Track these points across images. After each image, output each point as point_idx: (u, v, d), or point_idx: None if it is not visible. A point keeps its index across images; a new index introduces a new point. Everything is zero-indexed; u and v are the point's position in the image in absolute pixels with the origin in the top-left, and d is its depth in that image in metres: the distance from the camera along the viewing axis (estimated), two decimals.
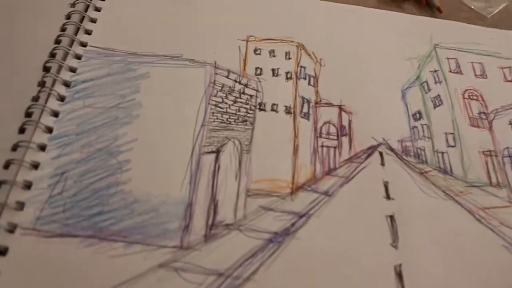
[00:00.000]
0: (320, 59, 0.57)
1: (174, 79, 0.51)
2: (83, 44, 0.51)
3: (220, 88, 0.52)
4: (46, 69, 0.49)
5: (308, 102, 0.54)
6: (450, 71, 0.58)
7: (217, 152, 0.48)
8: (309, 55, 0.57)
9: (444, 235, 0.47)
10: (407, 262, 0.45)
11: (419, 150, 0.53)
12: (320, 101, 0.54)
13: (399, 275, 0.44)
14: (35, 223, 0.41)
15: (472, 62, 0.60)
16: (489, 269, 0.45)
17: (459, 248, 0.46)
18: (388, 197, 0.48)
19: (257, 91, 0.53)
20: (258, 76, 0.54)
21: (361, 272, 0.44)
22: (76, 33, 0.52)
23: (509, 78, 0.59)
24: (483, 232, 0.48)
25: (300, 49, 0.57)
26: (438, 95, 0.56)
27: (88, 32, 0.52)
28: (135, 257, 0.41)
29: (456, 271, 0.45)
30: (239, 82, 0.53)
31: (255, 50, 0.55)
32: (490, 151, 0.53)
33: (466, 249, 0.46)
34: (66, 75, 0.49)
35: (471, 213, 0.49)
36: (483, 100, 0.57)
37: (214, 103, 0.50)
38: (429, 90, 0.57)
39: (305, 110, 0.53)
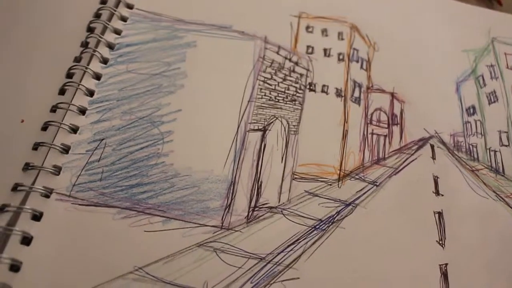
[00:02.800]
0: (374, 42, 0.53)
1: (222, 50, 0.47)
2: (129, 6, 0.48)
3: (270, 64, 0.48)
4: (90, 30, 0.45)
5: (360, 86, 0.50)
6: (508, 67, 0.54)
7: (264, 130, 0.44)
8: (363, 38, 0.53)
9: (492, 237, 0.44)
10: (454, 263, 0.42)
11: (471, 146, 0.49)
12: (372, 86, 0.50)
13: (445, 276, 0.41)
14: (71, 190, 0.38)
15: None
16: None
17: (507, 253, 0.43)
18: (437, 192, 0.45)
19: (307, 70, 0.49)
20: (309, 55, 0.50)
21: (406, 268, 0.41)
22: None
23: None
24: None
25: (354, 31, 0.53)
26: (494, 91, 0.52)
27: None
28: (173, 233, 0.38)
29: (502, 276, 0.42)
30: (290, 60, 0.49)
31: (307, 28, 0.51)
32: None
33: None
34: (110, 37, 0.45)
35: None
36: None
37: (262, 79, 0.47)
38: (485, 85, 0.53)
39: (356, 94, 0.49)
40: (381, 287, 0.40)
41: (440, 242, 0.42)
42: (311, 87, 0.48)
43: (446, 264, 0.41)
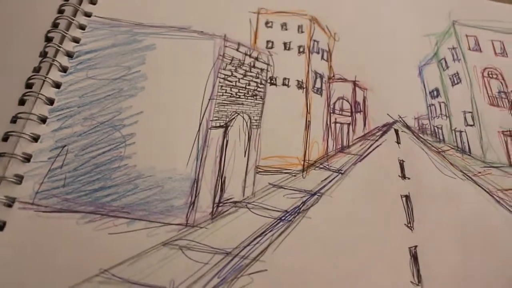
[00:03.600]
0: (334, 33, 0.53)
1: (181, 51, 0.48)
2: (87, 14, 0.48)
3: (230, 61, 0.48)
4: (48, 39, 0.45)
5: (321, 77, 0.50)
6: (469, 49, 0.54)
7: (226, 126, 0.44)
8: (323, 29, 0.53)
9: (462, 216, 0.44)
10: (423, 245, 0.42)
11: (436, 128, 0.49)
12: (334, 76, 0.50)
13: (415, 258, 0.41)
14: (34, 197, 0.38)
15: (492, 40, 0.55)
16: (509, 252, 0.42)
17: (477, 230, 0.43)
18: (403, 176, 0.45)
19: (268, 64, 0.49)
20: (269, 50, 0.50)
21: (375, 254, 0.41)
22: (80, 3, 0.48)
23: None
24: (503, 214, 0.44)
25: (314, 23, 0.53)
26: (457, 73, 0.52)
27: (93, 2, 0.49)
28: (138, 234, 0.38)
29: (474, 254, 0.42)
30: (250, 55, 0.49)
31: (266, 23, 0.52)
32: (510, 131, 0.49)
33: (484, 231, 0.43)
34: (69, 46, 0.45)
35: (490, 194, 0.45)
36: (503, 79, 0.53)
37: (223, 76, 0.47)
38: (447, 67, 0.53)
39: (317, 85, 0.49)
40: (350, 274, 0.39)
41: (409, 225, 0.42)
42: (272, 81, 0.48)
43: (416, 246, 0.41)
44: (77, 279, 0.35)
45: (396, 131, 0.48)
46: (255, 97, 0.47)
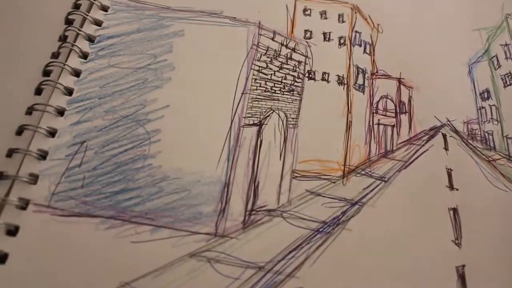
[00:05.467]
0: (378, 24, 0.48)
1: (212, 39, 0.43)
2: None
3: (265, 51, 0.43)
4: (69, 22, 0.41)
5: (364, 72, 0.45)
6: None
7: (260, 125, 0.40)
8: (365, 19, 0.48)
9: None
10: (472, 264, 0.38)
11: (486, 134, 0.44)
12: (377, 72, 0.45)
13: (462, 278, 0.37)
14: (50, 199, 0.34)
15: None
16: None
17: None
18: (451, 187, 0.41)
19: (306, 57, 0.44)
20: (307, 40, 0.45)
21: (420, 271, 0.37)
22: None
23: None
24: None
25: (355, 12, 0.48)
26: (510, 73, 0.48)
27: None
28: (163, 243, 0.35)
29: None
30: (286, 46, 0.44)
31: (304, 10, 0.47)
32: None
33: None
34: (90, 29, 0.41)
35: None
36: None
37: (257, 68, 0.42)
38: (499, 66, 0.48)
39: (359, 81, 0.44)
40: None
41: (456, 241, 0.39)
42: (311, 75, 0.44)
43: (463, 266, 0.38)
44: None
45: (444, 136, 0.43)
46: (292, 92, 0.42)
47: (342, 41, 0.46)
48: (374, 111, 0.43)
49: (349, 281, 0.36)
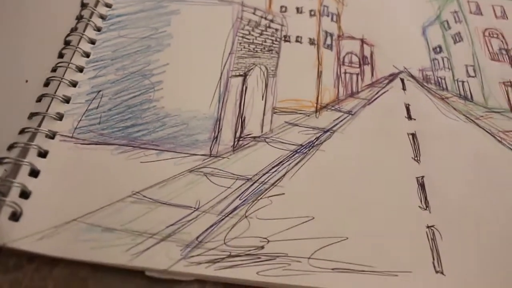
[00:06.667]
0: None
1: (203, 15, 0.52)
2: None
3: (247, 22, 0.52)
4: (84, 5, 0.49)
5: (331, 35, 0.53)
6: (471, 12, 0.57)
7: (244, 75, 0.48)
8: None
9: (464, 154, 0.45)
10: (429, 175, 0.43)
11: (439, 78, 0.51)
12: (343, 34, 0.53)
13: (422, 186, 0.42)
14: (73, 132, 0.42)
15: (492, 5, 0.58)
16: (508, 184, 0.44)
17: (480, 167, 0.45)
18: (409, 117, 0.47)
19: (282, 25, 0.53)
20: (283, 13, 0.54)
21: (384, 182, 0.42)
22: None
23: None
24: (504, 151, 0.46)
25: None
26: (458, 32, 0.55)
27: None
28: (166, 163, 0.41)
29: (476, 184, 0.43)
30: (265, 18, 0.53)
31: None
32: (510, 81, 0.51)
33: (487, 168, 0.44)
34: (102, 10, 0.50)
35: (492, 135, 0.47)
36: (503, 38, 0.55)
37: (241, 35, 0.50)
38: (449, 28, 0.56)
39: (328, 42, 0.52)
40: (361, 199, 0.41)
41: (416, 158, 0.44)
42: (286, 39, 0.52)
43: (423, 176, 0.43)
44: (112, 199, 0.38)
45: (402, 80, 0.50)
46: (271, 51, 0.50)
47: (312, 13, 0.54)
48: (341, 63, 0.51)
49: (322, 189, 0.41)
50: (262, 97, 0.47)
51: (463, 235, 0.40)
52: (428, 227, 0.40)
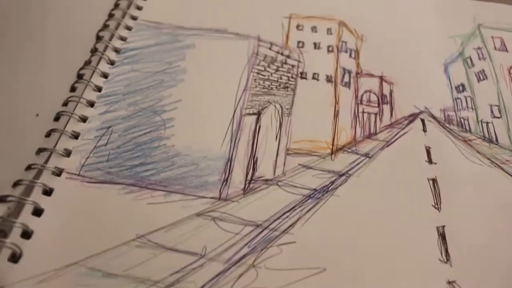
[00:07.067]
0: (362, 35, 0.55)
1: (219, 50, 0.51)
2: (134, 18, 0.52)
3: (263, 58, 0.50)
4: (99, 38, 0.49)
5: (349, 72, 0.51)
6: (495, 49, 0.55)
7: (258, 114, 0.46)
8: (351, 31, 0.55)
9: (490, 202, 0.43)
10: (451, 224, 0.41)
11: (462, 119, 0.49)
12: (361, 72, 0.52)
13: (443, 237, 0.40)
14: (80, 169, 0.40)
15: None
16: None
17: (507, 216, 0.42)
18: (430, 161, 0.45)
19: (299, 61, 0.51)
20: (300, 49, 0.52)
21: (402, 232, 0.40)
22: (128, 8, 0.52)
23: None
24: None
25: (342, 26, 0.55)
26: (482, 70, 0.53)
27: (139, 8, 0.53)
28: (174, 205, 0.40)
29: (503, 236, 0.41)
30: (282, 54, 0.51)
31: (297, 26, 0.54)
32: None
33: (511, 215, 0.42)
34: (116, 43, 0.49)
35: None
36: None
37: (256, 71, 0.49)
38: (473, 65, 0.53)
39: (346, 79, 0.51)
40: (377, 249, 0.39)
41: (436, 206, 0.42)
42: (303, 76, 0.50)
43: (443, 226, 0.41)
44: (115, 242, 0.37)
45: (423, 121, 0.48)
46: (286, 89, 0.49)
47: (330, 48, 0.53)
48: (359, 102, 0.49)
49: (336, 237, 0.39)
50: (276, 137, 0.45)
51: None
52: (449, 282, 0.38)
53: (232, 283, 0.36)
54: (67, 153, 0.41)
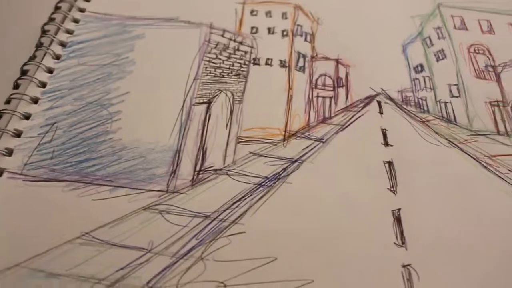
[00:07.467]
0: (318, 18, 0.53)
1: (169, 39, 0.49)
2: (82, 10, 0.50)
3: (215, 45, 0.49)
4: (44, 32, 0.47)
5: (304, 56, 0.50)
6: (455, 28, 0.54)
7: (209, 102, 0.45)
8: (306, 15, 0.53)
9: (447, 181, 0.42)
10: (407, 207, 0.40)
11: (420, 100, 0.48)
12: (317, 55, 0.50)
13: (398, 220, 0.39)
14: (23, 168, 0.39)
15: (478, 19, 0.55)
16: (496, 214, 0.40)
17: (463, 194, 0.41)
18: (386, 143, 0.44)
19: (251, 47, 0.50)
20: (253, 35, 0.51)
21: (356, 217, 0.39)
22: (75, 0, 0.50)
23: None
24: (490, 178, 0.43)
25: (297, 10, 0.54)
26: (442, 49, 0.52)
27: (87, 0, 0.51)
28: (120, 200, 0.39)
29: (460, 216, 0.40)
30: (234, 40, 0.50)
31: (251, 12, 0.53)
32: (497, 101, 0.48)
33: (470, 195, 0.41)
34: (63, 37, 0.48)
35: (477, 160, 0.43)
36: (490, 54, 0.52)
37: (207, 59, 0.48)
38: (432, 45, 0.52)
39: (300, 64, 0.49)
40: (331, 236, 0.38)
41: (392, 189, 0.41)
42: (255, 62, 0.49)
43: (399, 209, 0.40)
44: (59, 241, 0.36)
45: (379, 103, 0.47)
46: (238, 76, 0.47)
47: (285, 33, 0.52)
48: (313, 86, 0.48)
49: (288, 226, 0.38)
50: (226, 125, 0.44)
51: (442, 274, 0.37)
52: (403, 266, 0.37)
53: (179, 276, 0.35)
54: (9, 152, 0.40)
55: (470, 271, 0.37)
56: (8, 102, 0.42)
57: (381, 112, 0.46)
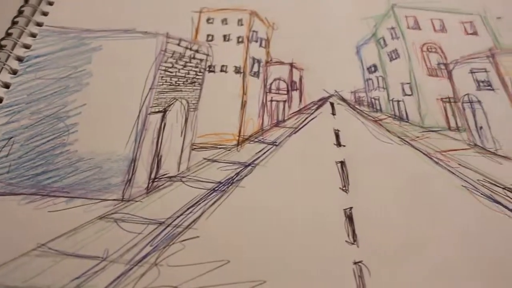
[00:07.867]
0: (273, 23, 0.54)
1: (126, 50, 0.50)
2: (39, 24, 0.51)
3: (171, 55, 0.50)
4: (1, 47, 0.48)
5: (259, 62, 0.51)
6: (408, 27, 0.55)
7: (164, 111, 0.46)
8: (262, 21, 0.55)
9: (399, 178, 0.43)
10: (359, 205, 0.41)
11: (373, 99, 0.49)
12: (271, 60, 0.51)
13: (350, 218, 0.40)
14: None
15: (431, 19, 0.56)
16: (447, 209, 0.41)
17: (415, 190, 0.42)
18: (339, 144, 0.45)
19: (207, 55, 0.51)
20: (209, 42, 0.52)
21: (308, 218, 0.40)
22: (33, 14, 0.51)
23: (470, 32, 0.55)
24: (441, 173, 0.44)
25: (253, 16, 0.55)
26: (395, 49, 0.53)
27: (45, 14, 0.52)
28: (75, 211, 0.40)
29: (411, 212, 0.41)
30: (190, 49, 0.51)
31: (208, 20, 0.54)
32: (449, 97, 0.49)
33: (422, 191, 0.42)
34: (20, 52, 0.48)
35: (429, 156, 0.45)
36: (442, 52, 0.53)
37: (163, 68, 0.49)
38: (386, 45, 0.53)
39: (255, 69, 0.50)
40: (284, 237, 0.39)
41: (344, 188, 0.42)
42: (211, 69, 0.50)
43: (351, 208, 0.41)
44: (15, 254, 0.37)
45: (332, 104, 0.48)
46: (193, 84, 0.48)
47: (240, 39, 0.53)
48: (267, 91, 0.49)
49: (241, 229, 0.39)
50: (181, 133, 0.45)
51: (394, 270, 0.38)
52: (355, 263, 0.38)
53: (134, 283, 0.36)
54: None
55: (421, 266, 0.38)
56: None
57: (334, 113, 0.47)
